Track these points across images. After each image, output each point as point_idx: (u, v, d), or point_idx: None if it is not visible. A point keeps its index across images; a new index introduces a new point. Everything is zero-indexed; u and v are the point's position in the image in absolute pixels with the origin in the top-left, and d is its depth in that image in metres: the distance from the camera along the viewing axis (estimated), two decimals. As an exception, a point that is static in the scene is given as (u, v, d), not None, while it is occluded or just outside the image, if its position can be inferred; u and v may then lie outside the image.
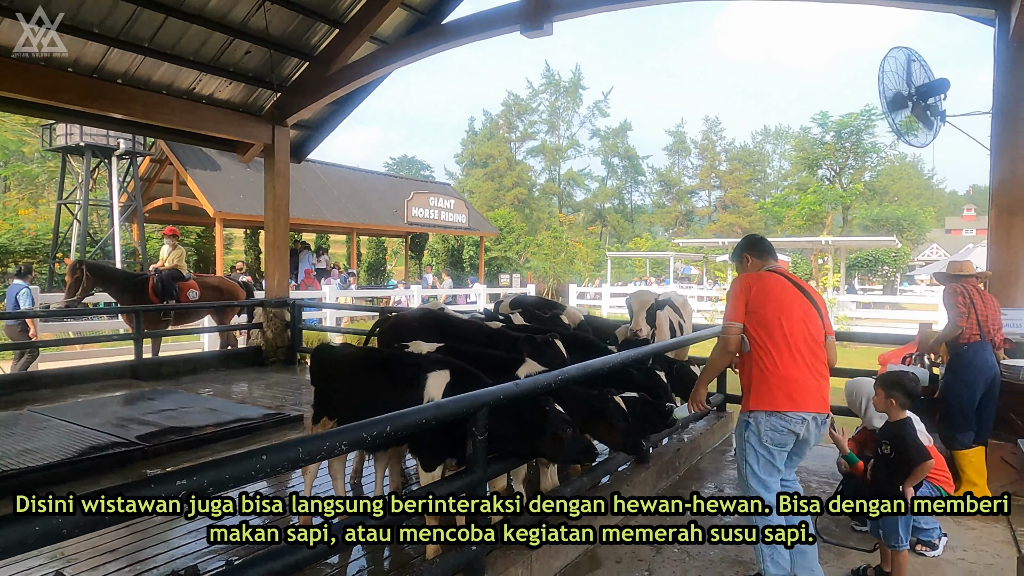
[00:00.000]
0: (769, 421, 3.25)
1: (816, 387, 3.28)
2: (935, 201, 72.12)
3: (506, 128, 67.82)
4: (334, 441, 2.34)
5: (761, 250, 3.67)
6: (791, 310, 3.32)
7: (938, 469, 3.84)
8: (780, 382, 3.25)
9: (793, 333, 3.28)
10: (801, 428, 3.23)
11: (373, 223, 21.28)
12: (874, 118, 27.94)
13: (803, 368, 3.26)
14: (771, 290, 3.38)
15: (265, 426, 6.36)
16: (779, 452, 3.29)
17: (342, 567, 3.50)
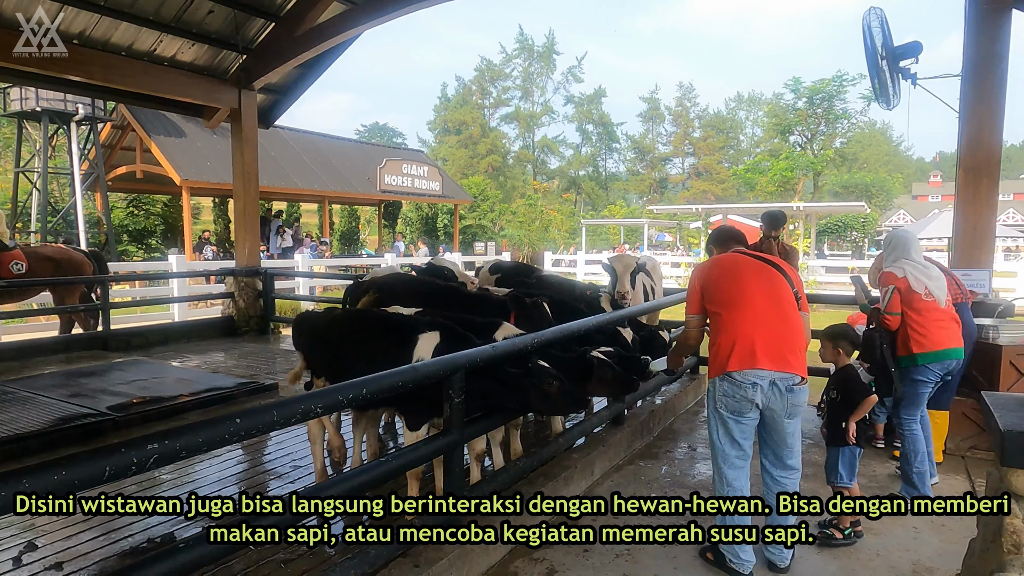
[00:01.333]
0: (721, 386, 3.21)
1: (777, 344, 3.12)
2: (903, 168, 73.20)
3: (479, 94, 66.90)
4: (309, 404, 2.32)
5: (723, 240, 3.71)
6: (745, 276, 3.29)
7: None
8: (729, 341, 3.17)
9: (750, 295, 3.22)
10: (755, 394, 3.11)
11: (345, 191, 20.95)
12: (845, 84, 28.11)
13: (760, 325, 3.15)
14: (724, 266, 3.40)
15: (239, 395, 6.30)
16: (735, 422, 3.21)
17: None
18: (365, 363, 2.76)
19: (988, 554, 2.08)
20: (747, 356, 3.12)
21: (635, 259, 5.15)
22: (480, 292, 4.53)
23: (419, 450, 2.97)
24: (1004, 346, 4.87)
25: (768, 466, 3.37)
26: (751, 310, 3.20)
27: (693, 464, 4.95)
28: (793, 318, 3.23)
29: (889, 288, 4.27)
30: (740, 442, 3.26)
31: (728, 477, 3.29)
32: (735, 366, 3.14)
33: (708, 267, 3.49)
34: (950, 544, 3.67)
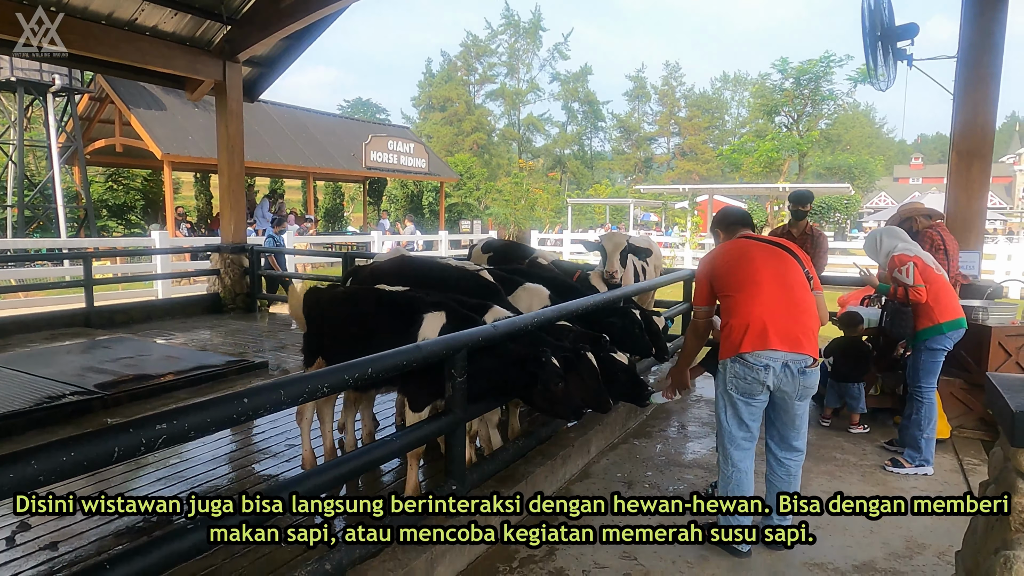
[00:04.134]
0: (733, 367, 3.19)
1: (789, 325, 3.11)
2: (885, 150, 73.71)
3: (464, 71, 66.15)
4: (316, 383, 2.28)
5: (729, 222, 3.63)
6: (755, 260, 3.26)
7: None
8: (742, 324, 3.15)
9: (761, 277, 3.19)
10: (767, 376, 3.09)
11: (330, 167, 20.66)
12: (832, 65, 28.14)
13: (772, 307, 3.13)
14: (732, 254, 3.35)
15: (228, 373, 6.24)
16: (745, 404, 3.20)
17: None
18: (368, 342, 2.72)
19: (993, 531, 2.11)
20: (760, 338, 3.11)
21: (625, 237, 5.12)
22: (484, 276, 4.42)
23: (421, 429, 2.95)
24: (993, 327, 4.94)
25: (773, 447, 3.39)
26: (763, 292, 3.18)
27: (686, 443, 4.99)
28: (806, 299, 3.22)
29: (909, 265, 4.39)
30: (748, 423, 3.26)
31: (734, 458, 3.29)
32: (748, 347, 3.12)
33: (715, 257, 3.44)
34: (939, 521, 3.73)
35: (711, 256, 3.48)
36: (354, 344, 2.67)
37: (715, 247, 3.58)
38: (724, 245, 3.48)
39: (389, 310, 3.56)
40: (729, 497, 3.28)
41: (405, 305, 3.54)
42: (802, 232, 6.01)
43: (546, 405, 3.30)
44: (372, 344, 2.75)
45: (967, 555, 2.36)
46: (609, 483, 4.17)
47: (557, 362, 3.23)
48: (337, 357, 2.76)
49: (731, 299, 3.26)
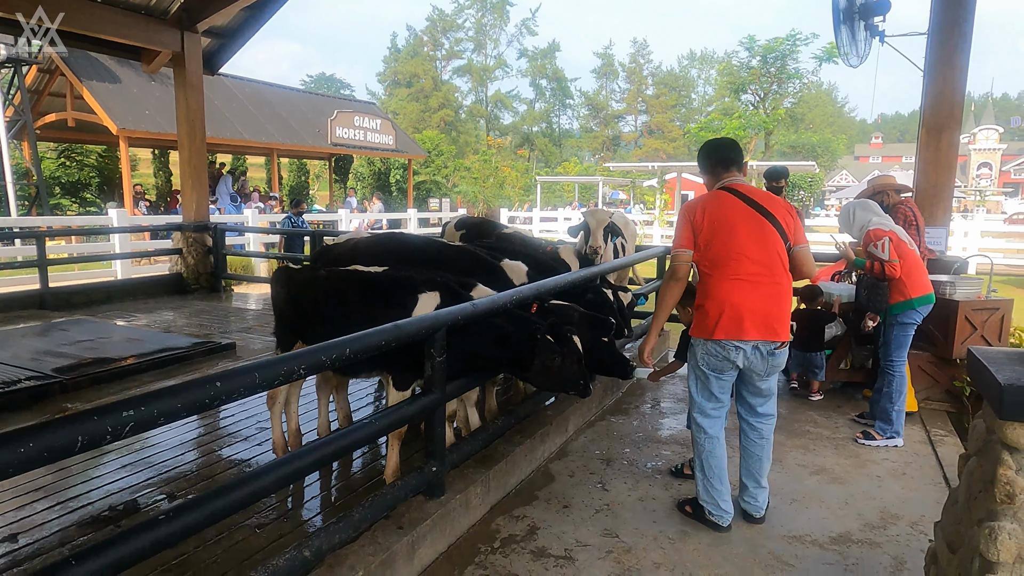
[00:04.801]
0: (705, 346, 3.20)
1: (764, 313, 3.09)
2: (846, 129, 74.93)
3: (431, 46, 65.10)
4: (292, 365, 2.18)
5: (714, 161, 3.34)
6: (737, 232, 3.10)
7: None
8: (717, 309, 3.11)
9: (740, 256, 3.09)
10: (737, 356, 3.12)
11: (294, 143, 20.14)
12: (798, 44, 28.35)
13: (751, 291, 3.08)
14: (717, 212, 3.16)
15: (195, 355, 6.05)
16: (715, 378, 3.23)
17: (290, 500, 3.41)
18: (360, 325, 2.62)
19: (976, 503, 2.13)
20: (735, 326, 3.10)
21: (609, 214, 5.07)
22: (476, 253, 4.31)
23: (401, 411, 2.87)
24: (960, 302, 5.03)
25: (744, 414, 3.44)
26: (741, 274, 3.09)
27: (662, 419, 5.01)
28: (783, 282, 3.16)
29: (885, 240, 4.44)
30: (718, 396, 3.31)
31: (704, 425, 3.34)
32: (721, 335, 3.12)
33: (697, 211, 3.19)
34: (911, 491, 3.81)
35: (695, 207, 3.22)
36: (341, 329, 2.56)
37: (702, 196, 3.29)
38: (709, 201, 3.22)
39: (380, 291, 3.45)
40: (705, 467, 3.32)
41: (398, 285, 3.43)
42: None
43: (548, 381, 3.31)
44: (362, 327, 2.64)
45: (947, 525, 2.39)
46: (587, 461, 4.15)
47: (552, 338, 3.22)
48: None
49: (709, 278, 3.18)
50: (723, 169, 3.33)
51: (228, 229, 10.40)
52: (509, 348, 3.30)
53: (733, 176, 3.31)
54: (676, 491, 3.74)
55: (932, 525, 3.39)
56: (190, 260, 9.63)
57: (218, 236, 9.71)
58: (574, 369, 3.30)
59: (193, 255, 9.62)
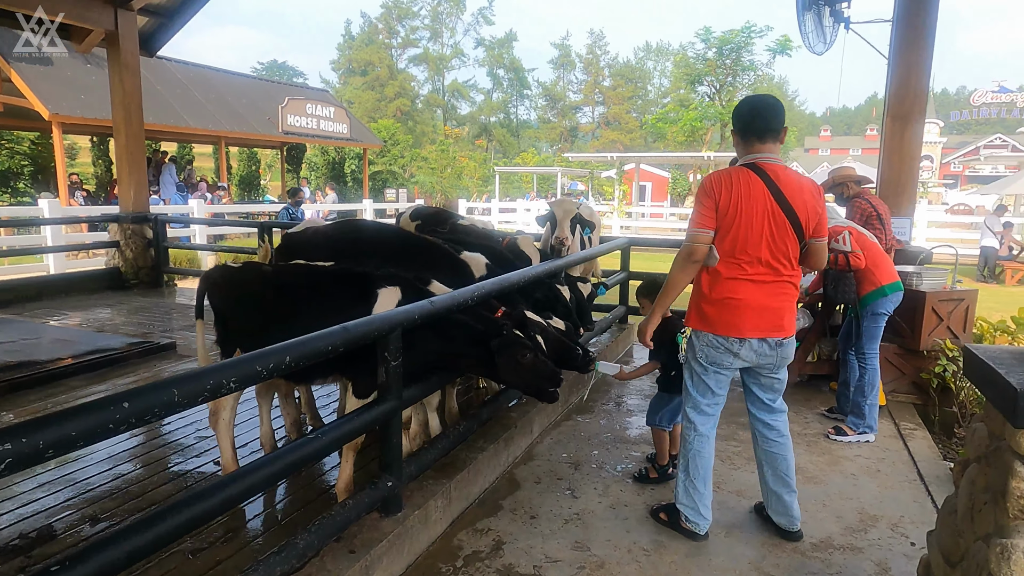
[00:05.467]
0: (706, 338, 2.96)
1: (772, 310, 2.87)
2: (796, 122, 76.48)
3: (386, 33, 63.98)
4: (220, 377, 1.87)
5: (752, 127, 2.86)
6: (753, 229, 2.79)
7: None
8: (723, 305, 2.88)
9: (751, 258, 2.82)
10: (742, 349, 2.89)
11: (244, 132, 19.36)
12: (753, 36, 28.61)
13: (757, 290, 2.85)
14: (740, 200, 2.78)
15: (130, 356, 5.61)
16: (714, 373, 3.00)
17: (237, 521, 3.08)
18: (311, 327, 2.32)
19: (981, 515, 1.96)
20: (738, 323, 2.87)
21: (576, 204, 4.85)
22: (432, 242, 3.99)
23: (354, 421, 2.58)
24: (927, 293, 4.97)
25: (759, 414, 3.16)
26: (749, 276, 2.83)
27: (629, 417, 4.82)
28: (792, 279, 2.91)
29: (844, 233, 4.41)
30: (715, 390, 3.05)
31: (696, 421, 3.09)
32: (724, 331, 2.89)
33: (723, 189, 2.80)
34: (887, 490, 3.70)
35: (719, 185, 2.82)
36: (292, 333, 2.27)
37: (727, 172, 2.87)
38: (736, 181, 2.80)
39: (333, 288, 3.14)
40: (691, 466, 3.09)
41: (354, 281, 3.13)
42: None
43: (517, 380, 3.07)
44: (316, 329, 2.35)
45: (944, 536, 2.23)
46: (555, 465, 3.93)
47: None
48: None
49: (718, 272, 2.89)
50: (758, 139, 2.86)
51: (170, 220, 9.83)
52: (473, 346, 3.05)
53: (768, 151, 2.86)
54: (648, 496, 3.55)
55: (912, 527, 3.29)
56: (128, 253, 9.05)
57: (159, 228, 9.15)
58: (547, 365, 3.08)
59: (132, 248, 9.05)
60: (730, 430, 4.54)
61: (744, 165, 2.87)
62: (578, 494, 3.57)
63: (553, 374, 3.09)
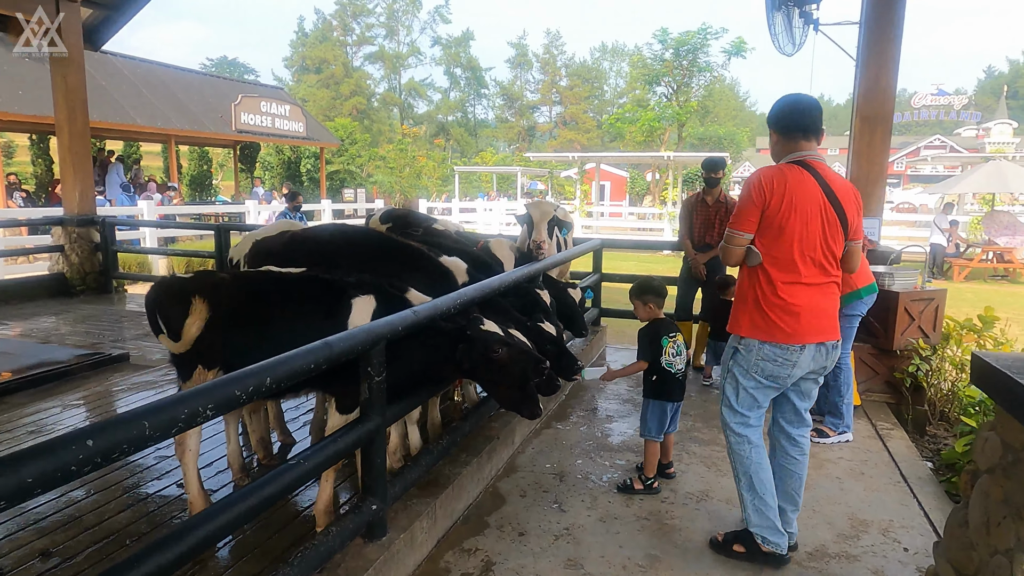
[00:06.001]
0: (763, 350, 2.75)
1: (826, 312, 2.76)
2: (748, 122, 78.25)
3: (341, 31, 62.97)
4: (194, 405, 1.68)
5: (798, 124, 2.76)
6: (810, 229, 2.67)
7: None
8: (781, 313, 2.70)
9: (808, 260, 2.69)
10: (801, 357, 2.73)
11: (195, 130, 18.70)
12: (708, 38, 29.04)
13: (813, 293, 2.73)
14: (795, 199, 2.65)
15: (80, 369, 5.28)
16: (768, 385, 2.81)
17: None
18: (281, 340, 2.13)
19: (1000, 530, 1.91)
20: (803, 330, 2.71)
21: (553, 206, 4.72)
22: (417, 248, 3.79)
23: (335, 444, 2.39)
24: (900, 293, 5.01)
25: (785, 425, 3.00)
26: (804, 280, 2.71)
27: (611, 423, 4.72)
28: (835, 274, 2.80)
29: None
30: (763, 403, 2.89)
31: (747, 433, 2.89)
32: (785, 340, 2.72)
33: (775, 190, 2.66)
34: (873, 492, 3.68)
35: (769, 185, 2.67)
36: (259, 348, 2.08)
37: (776, 170, 2.72)
38: (789, 180, 2.66)
39: (304, 297, 2.93)
40: (755, 483, 2.87)
41: (326, 289, 2.93)
42: (716, 200, 5.87)
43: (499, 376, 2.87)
44: (286, 342, 2.16)
45: (955, 549, 2.18)
46: (539, 476, 3.80)
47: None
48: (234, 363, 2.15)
49: (768, 275, 2.73)
50: (803, 137, 2.77)
51: (119, 223, 9.36)
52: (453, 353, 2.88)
53: (813, 149, 2.77)
54: (638, 508, 3.45)
55: (903, 531, 3.27)
56: (74, 258, 8.57)
57: (107, 231, 8.69)
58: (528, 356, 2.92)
59: (77, 253, 8.57)
60: (712, 434, 4.49)
61: (793, 163, 2.74)
62: (566, 507, 3.44)
63: (538, 363, 2.91)
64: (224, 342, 2.93)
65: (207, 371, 2.96)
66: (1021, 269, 15.19)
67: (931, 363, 4.98)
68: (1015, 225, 15.67)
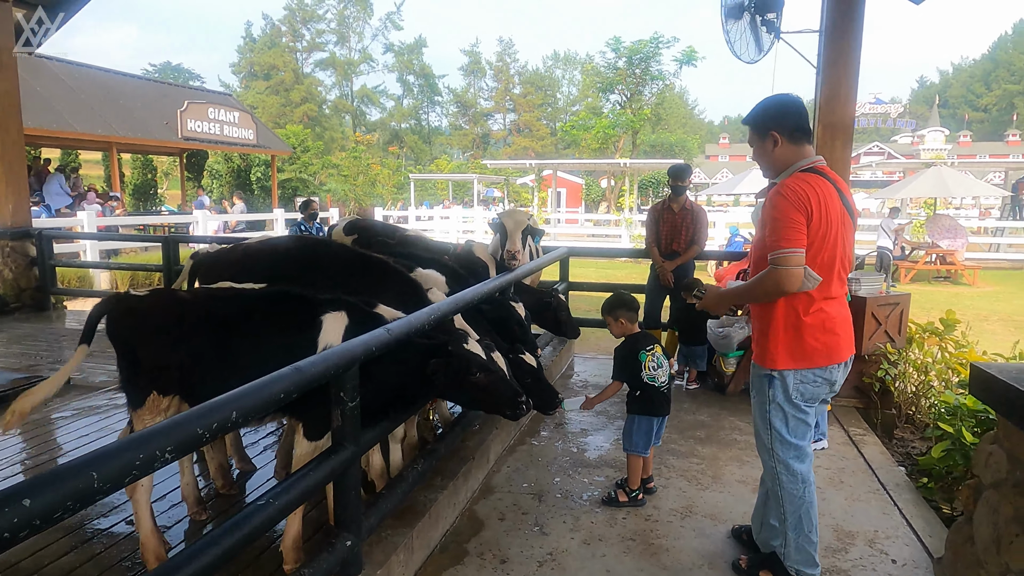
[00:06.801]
0: (800, 375, 2.59)
1: (851, 324, 2.68)
2: (697, 130, 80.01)
3: (290, 36, 61.87)
4: (151, 449, 1.47)
5: (801, 127, 2.57)
6: (836, 238, 2.51)
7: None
8: (820, 333, 2.54)
9: (837, 264, 2.54)
10: (837, 374, 2.63)
11: (138, 137, 17.95)
12: (660, 46, 29.50)
13: (841, 307, 2.63)
14: (827, 208, 2.45)
15: (16, 394, 4.82)
16: (810, 407, 2.66)
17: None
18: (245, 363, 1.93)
19: (1013, 547, 1.84)
20: (835, 348, 2.57)
21: (527, 215, 4.59)
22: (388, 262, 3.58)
23: (306, 479, 2.19)
24: (867, 298, 5.04)
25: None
26: (833, 295, 2.58)
27: (585, 437, 4.59)
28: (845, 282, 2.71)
29: None
30: (811, 426, 2.72)
31: (801, 471, 2.67)
32: (824, 361, 2.57)
33: (813, 199, 2.43)
34: (855, 502, 3.65)
35: (806, 194, 2.43)
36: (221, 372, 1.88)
37: (804, 180, 2.48)
38: (816, 187, 2.46)
39: (272, 315, 2.72)
40: (804, 522, 2.69)
41: (294, 306, 2.72)
42: (682, 207, 5.84)
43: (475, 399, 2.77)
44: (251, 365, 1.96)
45: (960, 567, 2.11)
46: (517, 497, 3.64)
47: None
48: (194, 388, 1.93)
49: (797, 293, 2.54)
50: (808, 141, 2.59)
51: (57, 236, 8.84)
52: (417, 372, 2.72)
53: (815, 154, 2.61)
54: (623, 527, 3.33)
55: (888, 542, 3.22)
56: (7, 274, 8.04)
57: (44, 244, 8.19)
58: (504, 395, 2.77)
59: (11, 268, 8.04)
60: (688, 446, 4.41)
61: (809, 171, 2.54)
62: (547, 530, 3.30)
63: (515, 397, 2.74)
64: (182, 365, 2.70)
65: (163, 397, 2.73)
66: (962, 270, 15.78)
67: (898, 367, 5.02)
68: (956, 228, 16.28)
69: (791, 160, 2.58)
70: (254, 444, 4.07)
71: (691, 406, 5.20)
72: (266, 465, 3.78)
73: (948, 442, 3.70)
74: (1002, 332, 9.10)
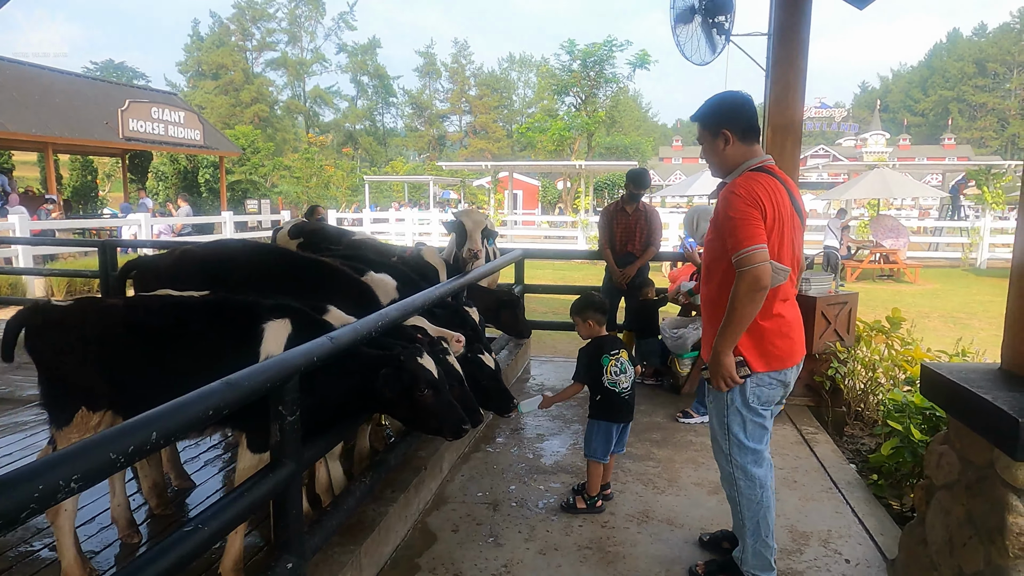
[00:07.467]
0: (758, 378, 2.55)
1: (802, 326, 2.66)
2: (651, 132, 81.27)
3: (240, 35, 60.42)
4: (53, 479, 1.33)
5: (752, 125, 2.54)
6: (785, 238, 2.48)
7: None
8: (777, 338, 2.51)
9: (787, 263, 2.50)
10: (789, 376, 2.60)
11: (77, 137, 17.20)
12: (614, 50, 29.79)
13: (793, 308, 2.61)
14: (779, 207, 2.43)
15: (-69, 412, 4.54)
16: (767, 410, 2.62)
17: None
18: (182, 375, 1.79)
19: (966, 551, 1.83)
20: (792, 351, 2.55)
21: (484, 215, 4.50)
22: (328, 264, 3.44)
23: (242, 500, 2.05)
24: (817, 297, 5.11)
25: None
26: (786, 295, 2.55)
27: (542, 442, 4.52)
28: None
29: None
30: (769, 429, 2.68)
31: (758, 475, 2.63)
32: (779, 364, 2.53)
33: (765, 198, 2.40)
34: (808, 502, 3.66)
35: (757, 193, 2.39)
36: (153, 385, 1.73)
37: (754, 179, 2.44)
38: (770, 188, 2.42)
39: (208, 324, 2.55)
40: (762, 526, 2.66)
41: (234, 314, 2.56)
42: (636, 208, 5.83)
43: (416, 418, 2.61)
44: (189, 376, 1.82)
45: (914, 569, 2.10)
46: (471, 507, 3.54)
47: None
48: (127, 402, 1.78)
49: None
50: (756, 140, 2.56)
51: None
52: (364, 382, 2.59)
53: (767, 156, 2.58)
54: (579, 535, 3.26)
55: (841, 542, 3.23)
56: (-71, 281, 7.55)
57: (-30, 250, 7.72)
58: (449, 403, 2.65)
59: (-66, 275, 7.56)
60: (644, 449, 4.38)
61: (759, 170, 2.50)
62: (502, 540, 3.20)
63: (458, 424, 2.60)
64: (113, 379, 2.52)
65: (92, 414, 2.55)
66: (904, 269, 16.32)
67: (847, 365, 5.10)
68: (898, 228, 16.84)
69: (742, 159, 2.55)
70: (194, 459, 3.87)
71: (647, 408, 5.18)
72: (206, 481, 3.59)
73: (897, 439, 3.75)
74: (943, 329, 9.41)
